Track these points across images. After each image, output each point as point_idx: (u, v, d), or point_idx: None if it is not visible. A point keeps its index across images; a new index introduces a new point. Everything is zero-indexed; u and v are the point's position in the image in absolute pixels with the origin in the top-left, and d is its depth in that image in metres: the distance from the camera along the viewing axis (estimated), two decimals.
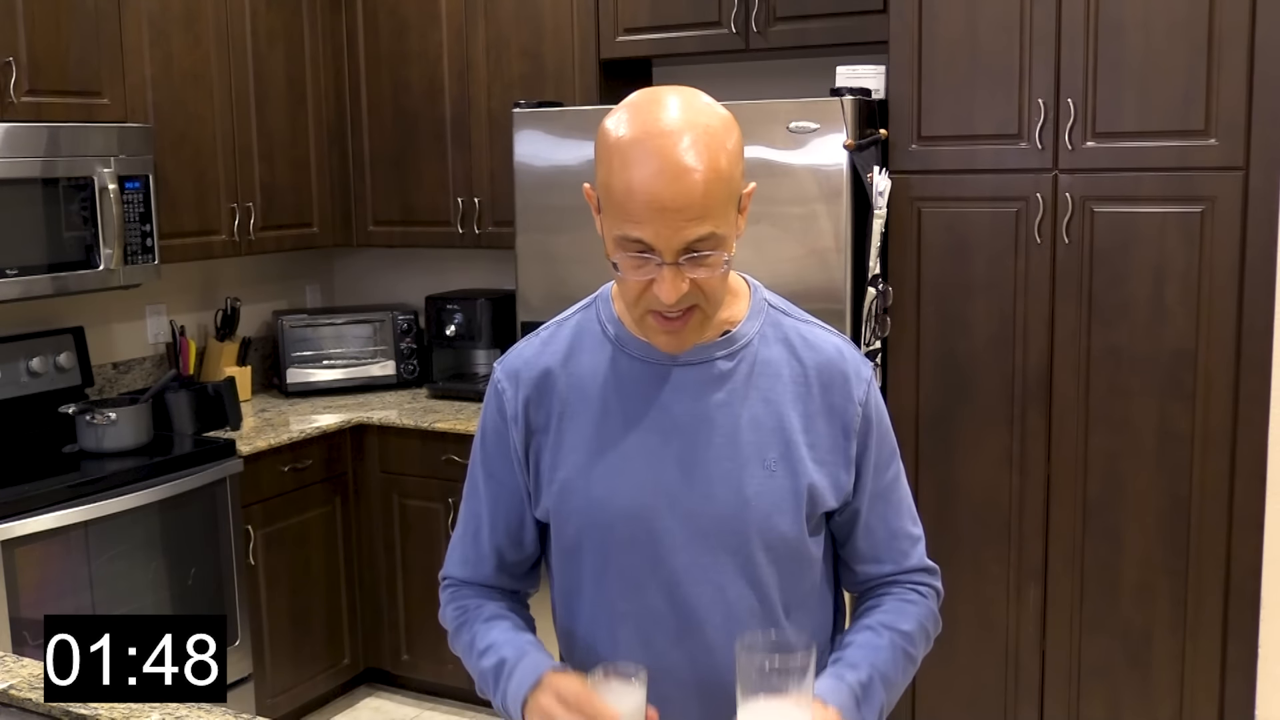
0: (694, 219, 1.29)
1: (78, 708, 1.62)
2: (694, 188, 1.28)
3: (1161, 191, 2.90)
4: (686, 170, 1.28)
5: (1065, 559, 3.09)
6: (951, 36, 3.07)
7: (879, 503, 1.52)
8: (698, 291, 1.34)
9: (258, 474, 3.63)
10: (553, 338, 1.54)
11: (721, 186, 1.30)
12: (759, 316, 1.49)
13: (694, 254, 1.31)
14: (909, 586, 1.55)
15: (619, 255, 1.34)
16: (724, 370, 1.45)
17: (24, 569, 2.99)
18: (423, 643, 4.01)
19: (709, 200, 1.29)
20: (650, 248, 1.31)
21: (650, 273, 1.32)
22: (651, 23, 3.67)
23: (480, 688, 1.54)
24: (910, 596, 1.54)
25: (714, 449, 1.43)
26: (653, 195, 1.28)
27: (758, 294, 1.52)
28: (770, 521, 1.43)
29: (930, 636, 1.55)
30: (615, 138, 1.33)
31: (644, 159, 1.29)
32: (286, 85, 4.08)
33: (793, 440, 1.44)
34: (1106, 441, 3.02)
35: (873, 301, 3.12)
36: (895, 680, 1.48)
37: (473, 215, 4.10)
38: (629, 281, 1.35)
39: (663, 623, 1.46)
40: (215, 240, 3.86)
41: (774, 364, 1.47)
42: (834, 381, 1.47)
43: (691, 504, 1.43)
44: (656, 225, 1.29)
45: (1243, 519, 2.90)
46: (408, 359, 4.36)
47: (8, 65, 3.17)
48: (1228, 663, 2.96)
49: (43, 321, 3.64)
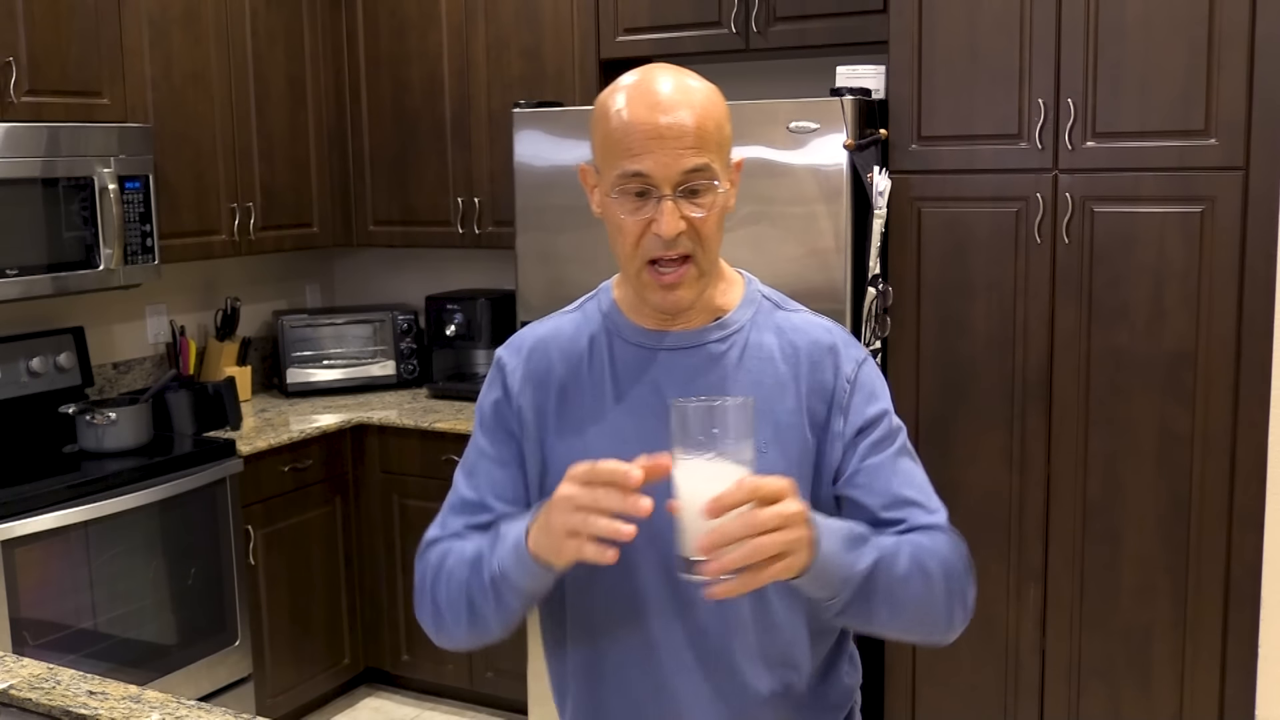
0: (690, 148, 1.37)
1: (78, 708, 1.63)
2: (688, 118, 1.37)
3: (1161, 191, 2.90)
4: (679, 103, 1.38)
5: (1065, 559, 3.09)
6: (951, 36, 3.07)
7: (885, 469, 1.46)
8: (693, 236, 1.40)
9: (258, 474, 3.63)
10: (556, 326, 1.58)
11: (714, 126, 1.39)
12: (752, 306, 1.52)
13: (690, 188, 1.38)
14: (926, 531, 1.44)
15: (618, 201, 1.40)
16: (715, 354, 1.48)
17: (24, 569, 2.99)
18: (423, 643, 4.01)
19: (702, 133, 1.38)
20: (649, 181, 1.37)
21: (649, 212, 1.39)
22: (651, 23, 3.67)
23: (468, 594, 1.45)
24: (928, 535, 1.43)
25: None
26: (650, 124, 1.37)
27: (751, 285, 1.56)
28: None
29: (952, 577, 1.42)
30: (611, 95, 1.43)
31: (640, 97, 1.40)
32: (286, 85, 4.08)
33: (784, 422, 1.46)
34: (1106, 442, 3.02)
35: (873, 301, 3.12)
36: (898, 568, 1.36)
37: (473, 215, 4.10)
38: (626, 228, 1.40)
39: (658, 601, 1.46)
40: (215, 240, 3.87)
41: (765, 348, 1.49)
42: (822, 359, 1.49)
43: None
44: (655, 154, 1.36)
45: (1243, 519, 2.90)
46: (408, 359, 4.36)
47: (8, 65, 3.17)
48: (1228, 663, 2.96)
49: (43, 321, 3.64)
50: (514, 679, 3.83)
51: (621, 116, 1.39)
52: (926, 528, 1.44)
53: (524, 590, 1.39)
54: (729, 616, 1.45)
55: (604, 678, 1.53)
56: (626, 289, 1.52)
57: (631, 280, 1.46)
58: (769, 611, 1.46)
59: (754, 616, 1.46)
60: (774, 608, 1.47)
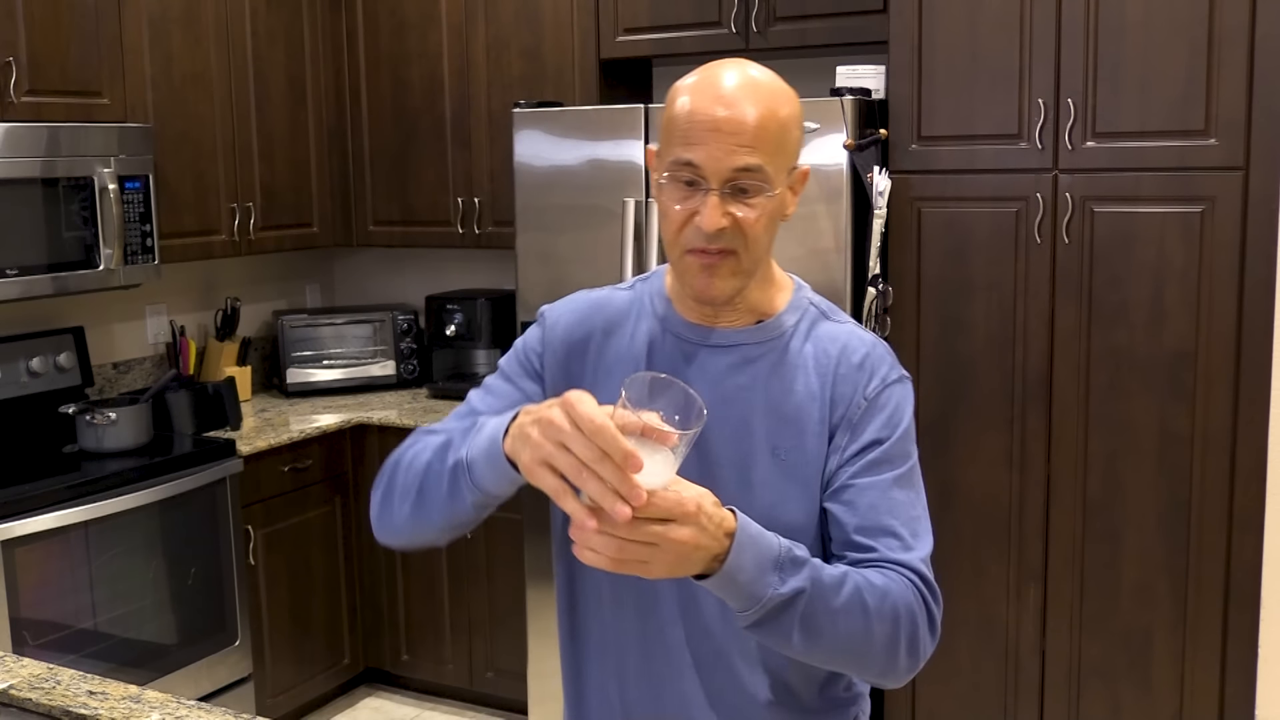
0: (744, 145, 1.34)
1: (78, 708, 1.63)
2: (748, 115, 1.34)
3: (1161, 191, 2.90)
4: (743, 99, 1.35)
5: (1065, 559, 3.09)
6: (951, 36, 3.07)
7: (866, 495, 1.40)
8: (737, 233, 1.37)
9: (258, 474, 3.63)
10: (607, 301, 1.56)
11: (775, 128, 1.36)
12: (797, 313, 1.50)
13: (739, 186, 1.35)
14: (890, 568, 1.36)
15: (668, 187, 1.39)
16: (750, 356, 1.46)
17: (24, 569, 2.99)
18: (423, 643, 4.01)
19: (761, 133, 1.35)
20: (698, 172, 1.35)
21: (695, 203, 1.36)
22: (651, 23, 3.67)
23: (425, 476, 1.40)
24: (889, 574, 1.35)
25: (727, 431, 1.43)
26: (709, 115, 1.35)
27: (801, 292, 1.53)
28: (774, 511, 1.41)
29: (900, 622, 1.33)
30: (684, 80, 1.41)
31: (706, 87, 1.37)
32: (286, 85, 4.08)
33: (808, 431, 1.43)
34: (1106, 441, 3.02)
35: (873, 301, 3.12)
36: (833, 600, 1.28)
37: (473, 215, 4.10)
38: (672, 215, 1.39)
39: (664, 598, 1.46)
40: (215, 240, 3.87)
41: (802, 357, 1.46)
42: (849, 374, 1.45)
43: (699, 483, 1.42)
44: (709, 146, 1.34)
45: (1243, 519, 2.90)
46: (408, 359, 4.36)
47: (8, 65, 3.17)
48: (1228, 663, 2.96)
49: (43, 321, 3.64)
50: (514, 679, 3.83)
51: (685, 104, 1.37)
52: (894, 564, 1.36)
53: (483, 486, 1.33)
54: (734, 619, 1.44)
55: (604, 667, 1.53)
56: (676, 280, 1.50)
57: (674, 266, 1.45)
58: None
59: None
60: None
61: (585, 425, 1.12)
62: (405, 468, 1.46)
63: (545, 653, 3.66)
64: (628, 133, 3.37)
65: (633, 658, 1.50)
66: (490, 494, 1.34)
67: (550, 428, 1.16)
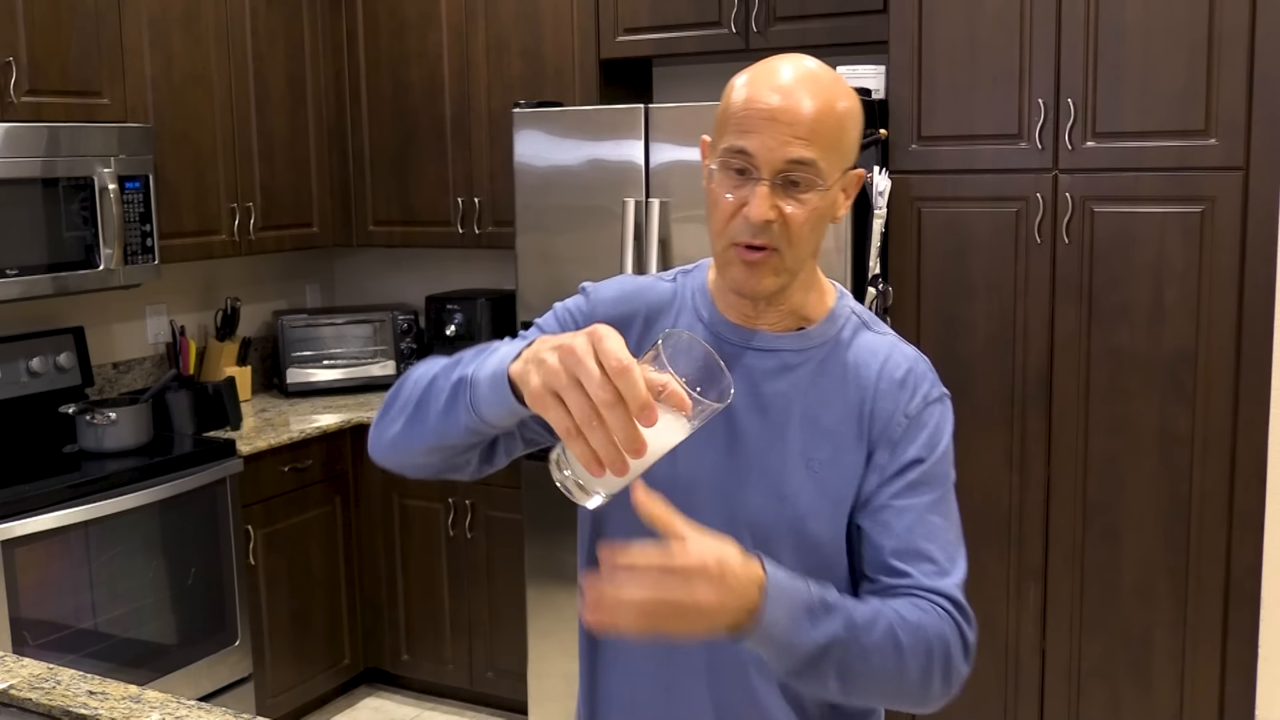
0: (799, 137, 1.31)
1: (78, 708, 1.63)
2: (804, 107, 1.32)
3: (1161, 191, 2.90)
4: (801, 91, 1.33)
5: (1065, 559, 3.09)
6: (951, 36, 3.07)
7: (903, 518, 1.39)
8: (782, 230, 1.34)
9: (258, 474, 3.63)
10: (650, 287, 1.53)
11: (832, 122, 1.34)
12: (839, 322, 1.47)
13: (790, 178, 1.33)
14: (924, 597, 1.36)
15: (719, 176, 1.36)
16: (790, 364, 1.44)
17: (24, 569, 2.99)
18: (423, 643, 4.01)
19: (817, 127, 1.32)
20: (750, 160, 1.33)
21: (744, 194, 1.34)
22: (651, 23, 3.67)
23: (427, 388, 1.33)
24: (921, 604, 1.35)
25: (761, 439, 1.41)
26: (765, 104, 1.33)
27: (844, 300, 1.51)
28: (804, 523, 1.39)
29: (933, 655, 1.32)
30: (743, 71, 1.39)
31: (765, 77, 1.35)
32: (286, 85, 4.08)
33: (845, 445, 1.41)
34: (1106, 442, 3.02)
35: (873, 301, 3.12)
36: (866, 639, 1.27)
37: (473, 215, 4.10)
38: (722, 204, 1.36)
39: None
40: (215, 240, 3.87)
41: (843, 367, 1.44)
42: (890, 390, 1.42)
43: (728, 489, 1.40)
44: (763, 135, 1.32)
45: (1243, 519, 2.90)
46: (408, 359, 4.36)
47: (8, 65, 3.17)
48: (1228, 663, 2.96)
49: (43, 321, 3.64)
50: (514, 679, 3.83)
51: (742, 92, 1.35)
52: (928, 592, 1.35)
53: (480, 410, 1.25)
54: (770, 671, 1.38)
55: (620, 671, 1.50)
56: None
57: (717, 258, 1.42)
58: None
59: None
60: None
61: (609, 362, 1.03)
62: (412, 382, 1.38)
63: (545, 653, 3.66)
64: (628, 133, 3.37)
65: (648, 662, 1.47)
66: (486, 420, 1.26)
67: (570, 356, 1.06)
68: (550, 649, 3.65)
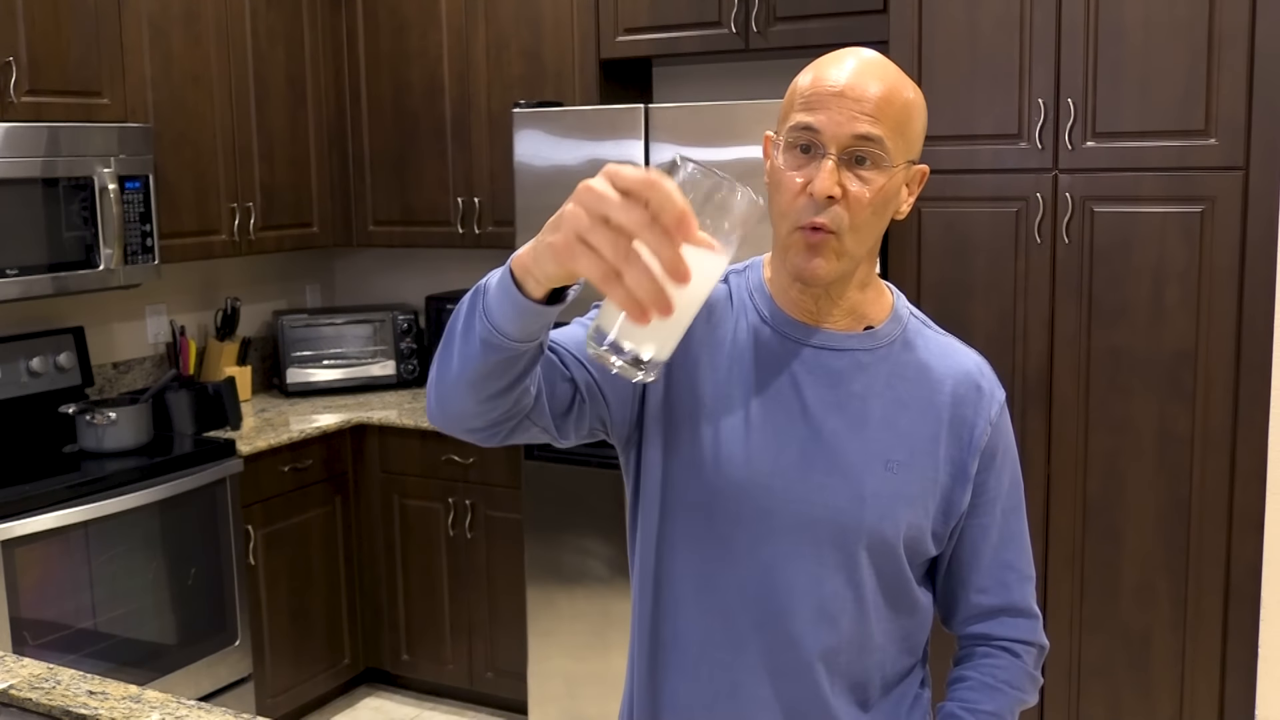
0: (866, 114, 1.32)
1: (78, 708, 1.63)
2: (874, 87, 1.33)
3: (1161, 191, 2.90)
4: (869, 74, 1.34)
5: (1065, 559, 3.09)
6: (951, 37, 3.07)
7: (992, 530, 1.48)
8: (844, 212, 1.33)
9: (258, 474, 3.63)
10: None
11: (899, 105, 1.35)
12: (901, 322, 1.48)
13: (857, 154, 1.32)
14: (1000, 646, 1.55)
15: (784, 155, 1.36)
16: (863, 363, 1.43)
17: (24, 569, 2.99)
18: (423, 643, 4.01)
19: (884, 105, 1.33)
20: (817, 136, 1.33)
21: (810, 173, 1.33)
22: (651, 23, 3.67)
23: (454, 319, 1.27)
24: (1000, 661, 1.54)
25: (840, 439, 1.40)
26: (834, 81, 1.34)
27: (900, 300, 1.52)
28: (882, 524, 1.39)
29: (1024, 691, 1.57)
30: (811, 62, 1.41)
31: (833, 61, 1.37)
32: (286, 85, 4.08)
33: (921, 447, 1.42)
34: (1106, 441, 3.02)
35: None
36: None
37: (473, 215, 4.10)
38: (785, 184, 1.35)
39: (750, 604, 1.41)
40: (215, 240, 3.87)
41: (913, 368, 1.45)
42: (968, 395, 1.45)
43: (805, 490, 1.39)
44: (830, 111, 1.32)
45: (1243, 519, 2.90)
46: (408, 359, 4.36)
47: (8, 65, 3.17)
48: (1228, 663, 2.96)
49: (43, 321, 3.64)
50: (514, 679, 3.83)
51: (808, 75, 1.37)
52: (1023, 644, 1.57)
53: (490, 315, 1.17)
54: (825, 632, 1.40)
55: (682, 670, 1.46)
56: (777, 269, 1.44)
57: (779, 242, 1.39)
58: (868, 633, 1.43)
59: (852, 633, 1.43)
60: (873, 630, 1.43)
61: (632, 182, 0.94)
62: (446, 329, 1.29)
63: (545, 653, 3.66)
64: (628, 133, 3.37)
65: (711, 666, 1.44)
66: (498, 328, 1.17)
67: (589, 195, 0.96)
68: (550, 649, 3.65)
